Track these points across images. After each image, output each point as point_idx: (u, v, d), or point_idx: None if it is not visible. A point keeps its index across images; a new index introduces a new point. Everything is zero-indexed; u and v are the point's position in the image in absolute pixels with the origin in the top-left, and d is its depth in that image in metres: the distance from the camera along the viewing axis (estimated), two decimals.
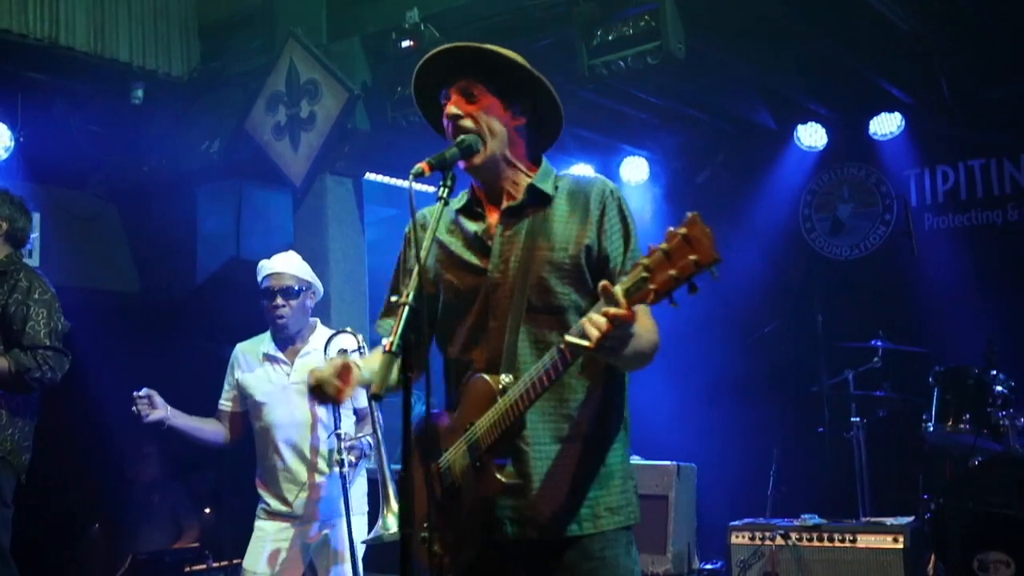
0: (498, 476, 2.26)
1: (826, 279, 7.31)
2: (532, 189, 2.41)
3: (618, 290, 1.98)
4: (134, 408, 3.98)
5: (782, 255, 7.44)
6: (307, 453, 4.03)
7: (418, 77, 2.47)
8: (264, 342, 4.21)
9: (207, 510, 7.08)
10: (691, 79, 6.23)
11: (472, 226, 2.46)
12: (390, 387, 2.11)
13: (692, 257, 1.88)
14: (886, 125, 7.19)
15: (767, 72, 6.60)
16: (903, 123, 7.12)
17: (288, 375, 4.11)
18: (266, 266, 4.16)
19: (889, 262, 7.13)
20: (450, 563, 2.36)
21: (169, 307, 7.63)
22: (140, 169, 7.12)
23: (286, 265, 4.14)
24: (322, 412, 3.99)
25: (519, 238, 2.38)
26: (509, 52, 2.41)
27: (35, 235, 6.82)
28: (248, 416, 4.19)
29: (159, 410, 4.00)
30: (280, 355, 4.15)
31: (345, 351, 3.87)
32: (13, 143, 6.28)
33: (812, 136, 7.45)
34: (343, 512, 3.88)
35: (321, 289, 4.29)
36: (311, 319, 4.25)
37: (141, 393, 3.99)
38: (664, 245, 1.92)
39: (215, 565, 5.93)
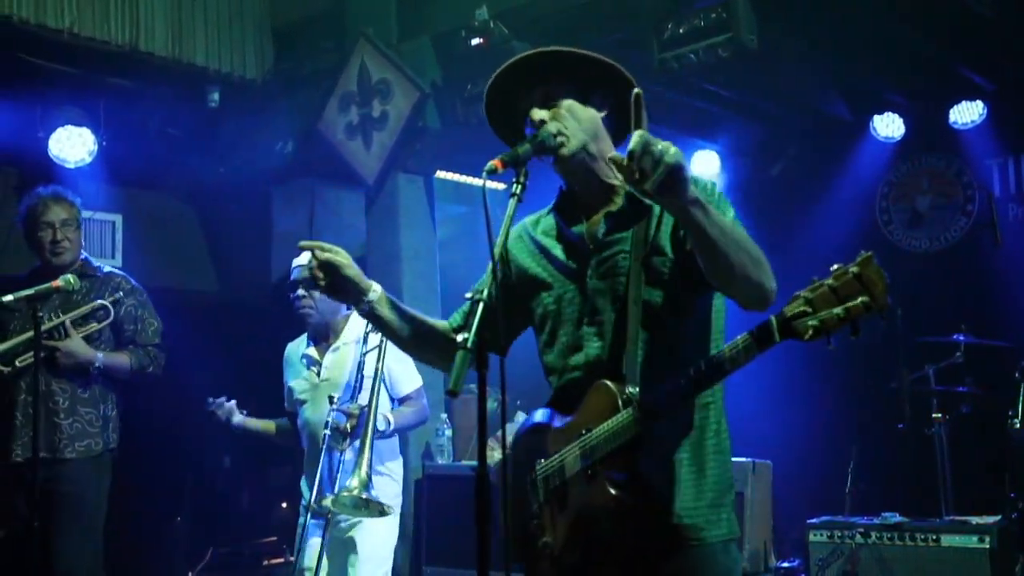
0: (611, 491, 2.19)
1: (905, 273, 7.14)
2: (631, 196, 2.33)
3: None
4: (218, 415, 4.14)
5: (859, 249, 7.22)
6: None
7: (491, 88, 2.43)
8: (303, 342, 4.25)
9: (284, 504, 7.20)
10: (763, 71, 6.13)
11: (569, 228, 2.43)
12: None
13: (863, 299, 1.82)
14: (967, 113, 7.00)
15: (841, 61, 6.47)
16: (985, 111, 6.92)
17: (319, 373, 4.13)
18: (295, 261, 4.17)
19: (971, 254, 6.95)
20: (550, 564, 2.33)
21: (245, 305, 7.79)
22: (216, 170, 7.26)
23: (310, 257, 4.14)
24: (353, 408, 3.94)
25: (625, 246, 2.33)
26: (575, 50, 2.37)
27: (118, 236, 7.04)
28: None
29: (236, 415, 4.17)
30: (314, 354, 4.17)
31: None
32: (96, 147, 6.45)
33: (889, 126, 7.28)
34: (374, 512, 3.83)
35: None
36: (345, 311, 4.19)
37: (215, 405, 4.14)
38: (831, 281, 1.86)
39: (293, 559, 6.02)
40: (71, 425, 4.21)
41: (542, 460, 2.38)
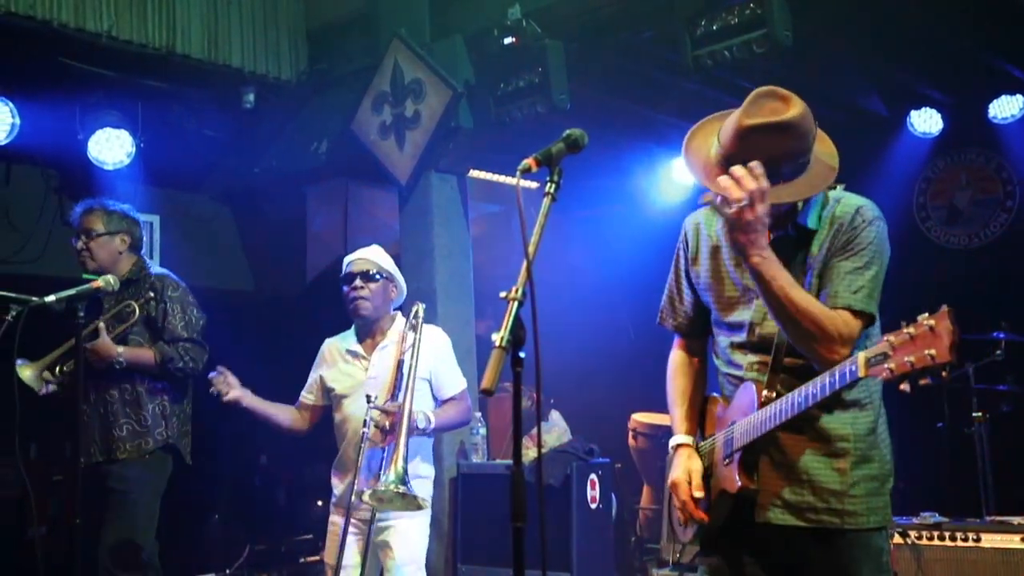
0: (737, 479, 2.42)
1: (943, 270, 7.08)
2: (797, 225, 2.50)
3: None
4: (212, 389, 4.10)
5: (896, 246, 7.12)
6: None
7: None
8: (348, 338, 4.25)
9: (319, 502, 7.25)
10: (798, 67, 6.08)
11: None
12: None
13: (929, 351, 1.92)
14: (1007, 108, 6.92)
15: (878, 57, 6.40)
16: None
17: (366, 370, 4.12)
18: (348, 256, 4.23)
19: (1011, 250, 6.87)
20: (693, 538, 2.60)
21: (281, 304, 7.85)
22: (252, 171, 7.32)
23: (367, 253, 4.19)
24: (391, 407, 3.93)
25: (789, 270, 2.45)
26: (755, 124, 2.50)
27: (156, 237, 7.13)
28: (328, 409, 4.26)
29: (236, 390, 4.12)
30: (360, 350, 4.16)
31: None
32: (135, 149, 6.54)
33: (927, 122, 7.21)
34: (408, 513, 3.90)
35: (403, 286, 4.26)
36: (392, 311, 4.23)
37: (214, 375, 4.12)
38: (911, 329, 1.97)
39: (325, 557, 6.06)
40: (122, 427, 4.38)
41: (704, 440, 2.65)
